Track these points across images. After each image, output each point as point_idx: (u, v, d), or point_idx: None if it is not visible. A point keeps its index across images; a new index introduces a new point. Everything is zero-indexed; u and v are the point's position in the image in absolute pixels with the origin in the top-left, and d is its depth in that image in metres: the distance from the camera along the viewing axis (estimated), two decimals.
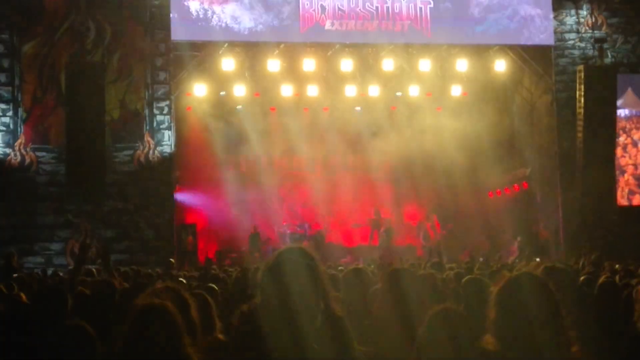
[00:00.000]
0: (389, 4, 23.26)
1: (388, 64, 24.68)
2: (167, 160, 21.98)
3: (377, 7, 23.22)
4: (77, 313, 6.06)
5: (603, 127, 23.20)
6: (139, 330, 3.33)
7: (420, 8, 23.36)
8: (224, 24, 22.40)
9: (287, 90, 26.56)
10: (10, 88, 21.51)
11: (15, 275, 13.47)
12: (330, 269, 10.80)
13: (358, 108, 29.48)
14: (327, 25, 22.99)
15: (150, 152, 21.81)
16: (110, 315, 7.18)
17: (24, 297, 6.72)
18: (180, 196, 25.49)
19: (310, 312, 3.75)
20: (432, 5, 23.41)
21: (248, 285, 8.45)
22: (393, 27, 23.26)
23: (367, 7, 23.19)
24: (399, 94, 28.35)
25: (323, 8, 22.99)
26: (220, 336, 4.68)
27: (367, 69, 25.70)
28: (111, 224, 21.36)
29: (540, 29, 23.95)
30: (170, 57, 22.39)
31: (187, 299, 4.09)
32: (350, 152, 31.44)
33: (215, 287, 8.18)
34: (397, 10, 23.29)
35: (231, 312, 4.03)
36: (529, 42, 24.13)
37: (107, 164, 21.14)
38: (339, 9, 23.08)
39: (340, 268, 13.55)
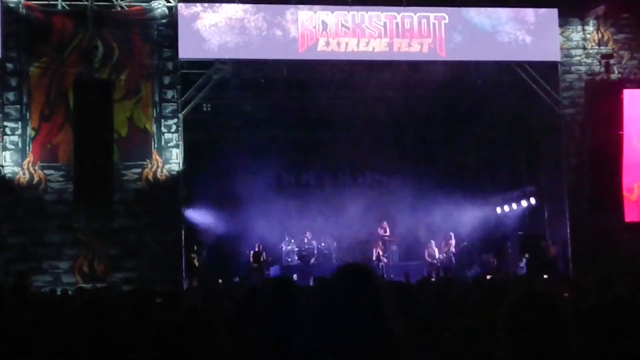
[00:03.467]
0: (399, 20, 23.12)
1: (397, 79, 24.70)
2: (175, 178, 22.00)
3: (385, 23, 23.08)
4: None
5: (610, 143, 23.17)
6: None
7: (434, 24, 23.27)
8: (228, 43, 22.46)
9: (294, 105, 26.63)
10: (18, 106, 21.58)
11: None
12: None
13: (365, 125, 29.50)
14: (327, 44, 22.87)
15: (159, 170, 21.84)
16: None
17: None
18: (189, 214, 25.52)
19: (370, 331, 3.70)
20: (447, 22, 23.34)
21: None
22: (408, 47, 23.12)
23: (374, 23, 23.06)
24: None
25: (325, 25, 22.88)
26: None
27: (374, 85, 25.66)
28: (119, 241, 21.38)
29: (547, 45, 23.96)
30: (177, 75, 22.46)
31: (216, 319, 4.10)
32: (361, 167, 31.53)
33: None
34: (409, 27, 23.14)
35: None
36: (536, 59, 24.14)
37: (115, 182, 21.17)
38: (342, 25, 22.95)
39: None
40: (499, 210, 28.92)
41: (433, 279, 21.11)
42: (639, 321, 5.46)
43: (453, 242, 27.86)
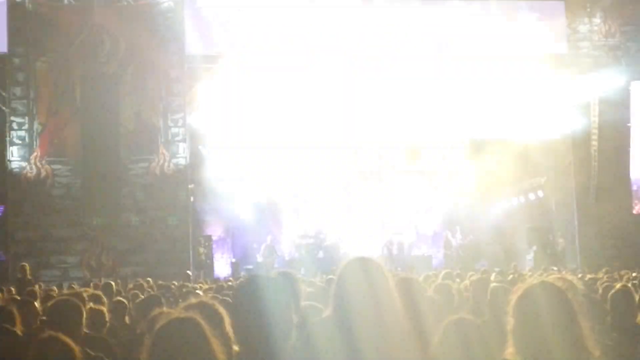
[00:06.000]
0: (409, 17, 23.16)
1: (408, 81, 24.67)
2: (182, 172, 22.01)
3: (395, 20, 23.12)
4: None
5: (617, 134, 23.16)
6: (165, 343, 3.33)
7: (442, 20, 23.30)
8: (234, 37, 22.49)
9: (301, 103, 26.59)
10: (25, 101, 21.60)
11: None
12: None
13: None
14: (338, 41, 22.92)
15: (165, 164, 21.84)
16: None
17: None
18: (197, 207, 25.51)
19: (378, 325, 3.70)
20: (454, 17, 23.35)
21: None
22: (417, 42, 23.17)
23: (382, 20, 23.09)
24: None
25: (333, 20, 22.91)
26: (236, 348, 4.69)
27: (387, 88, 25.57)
28: (127, 236, 21.39)
29: (554, 37, 23.92)
30: (184, 70, 22.45)
31: (221, 313, 4.10)
32: (366, 164, 31.47)
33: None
34: (418, 23, 23.19)
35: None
36: (543, 51, 24.11)
37: (123, 176, 21.21)
38: (350, 21, 22.99)
39: None
40: (506, 202, 28.85)
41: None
42: None
43: (458, 235, 27.93)
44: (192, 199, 23.33)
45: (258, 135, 29.01)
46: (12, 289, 13.77)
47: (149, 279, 15.93)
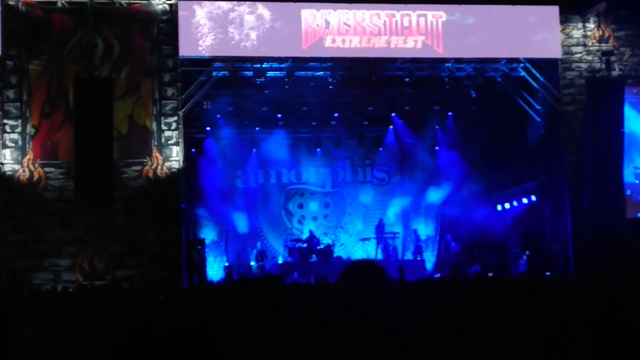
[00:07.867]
0: (398, 18, 23.23)
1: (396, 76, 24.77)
2: (176, 176, 21.97)
3: (385, 21, 23.19)
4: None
5: (611, 140, 23.19)
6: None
7: (432, 22, 23.36)
8: (229, 40, 22.48)
9: (294, 102, 26.65)
10: (18, 104, 21.55)
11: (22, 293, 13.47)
12: None
13: (366, 122, 29.53)
14: (331, 41, 22.96)
15: (159, 167, 21.81)
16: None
17: None
18: (190, 211, 25.49)
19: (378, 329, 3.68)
20: (444, 19, 23.42)
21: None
22: (404, 43, 23.23)
23: (374, 21, 23.14)
24: (407, 108, 28.41)
25: (327, 23, 22.95)
26: None
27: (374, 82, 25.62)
28: (120, 239, 21.35)
29: (548, 42, 23.96)
30: (177, 73, 22.42)
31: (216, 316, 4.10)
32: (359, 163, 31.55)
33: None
34: (407, 25, 23.25)
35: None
36: (536, 56, 24.18)
37: (116, 180, 21.16)
38: (344, 23, 23.04)
39: None
40: (499, 207, 28.89)
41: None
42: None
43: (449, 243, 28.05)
44: (185, 202, 23.30)
45: (254, 135, 29.09)
46: None
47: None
